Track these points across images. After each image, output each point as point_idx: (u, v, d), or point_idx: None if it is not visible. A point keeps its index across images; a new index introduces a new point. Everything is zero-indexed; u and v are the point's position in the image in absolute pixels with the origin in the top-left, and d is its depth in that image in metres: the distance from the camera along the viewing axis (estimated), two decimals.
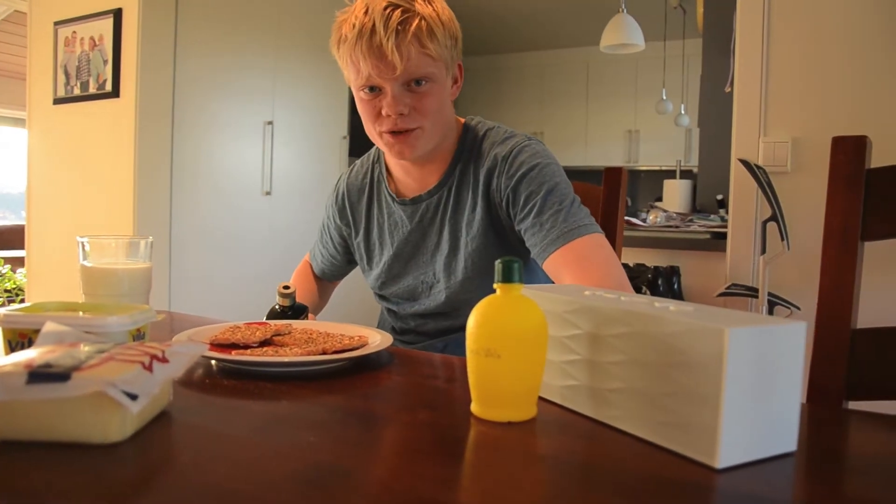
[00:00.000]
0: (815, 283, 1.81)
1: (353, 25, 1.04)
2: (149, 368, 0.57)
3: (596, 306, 0.65)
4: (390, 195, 1.25)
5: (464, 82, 1.19)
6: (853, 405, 0.92)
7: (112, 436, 0.54)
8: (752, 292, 1.78)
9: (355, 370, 0.82)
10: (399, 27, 1.02)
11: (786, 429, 0.57)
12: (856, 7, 1.79)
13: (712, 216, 2.77)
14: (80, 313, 0.79)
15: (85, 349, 0.59)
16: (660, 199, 3.77)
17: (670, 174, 4.43)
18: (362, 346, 0.89)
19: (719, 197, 3.19)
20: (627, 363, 0.61)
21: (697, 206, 3.43)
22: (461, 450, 0.59)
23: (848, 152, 0.91)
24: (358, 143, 4.26)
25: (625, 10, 3.01)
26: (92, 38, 2.94)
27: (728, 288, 1.82)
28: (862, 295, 0.92)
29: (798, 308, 1.77)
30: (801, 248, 1.79)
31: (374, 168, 1.30)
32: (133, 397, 0.53)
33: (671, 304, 0.63)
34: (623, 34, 2.99)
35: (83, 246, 0.91)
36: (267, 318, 1.13)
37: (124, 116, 2.83)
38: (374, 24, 1.02)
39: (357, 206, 1.30)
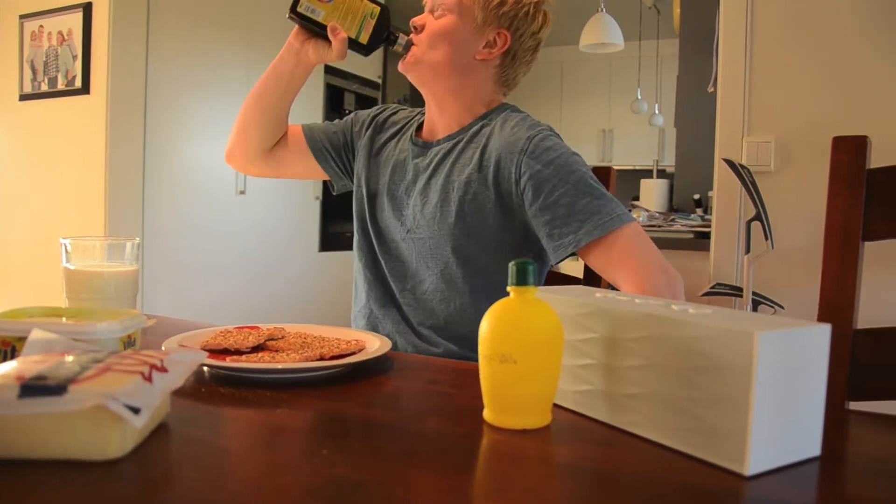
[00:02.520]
0: (798, 282, 1.83)
1: None
2: (148, 379, 0.54)
3: (611, 309, 0.63)
4: (412, 135, 1.27)
5: None
6: (854, 405, 0.92)
7: (112, 452, 0.51)
8: (737, 292, 1.78)
9: (355, 376, 0.79)
10: None
11: (810, 433, 0.56)
12: (839, 7, 1.81)
13: (692, 215, 2.79)
14: (64, 319, 0.75)
15: (79, 358, 0.55)
16: (636, 198, 3.80)
17: (644, 174, 4.46)
18: (359, 350, 0.86)
19: (696, 196, 3.22)
20: (647, 367, 0.60)
21: (674, 206, 3.46)
22: (481, 460, 0.56)
23: (849, 152, 0.90)
24: None
25: (604, 10, 3.01)
26: (60, 33, 2.85)
27: (713, 287, 1.82)
28: (862, 295, 0.92)
29: (782, 307, 1.79)
30: (783, 248, 1.80)
31: (416, 116, 1.32)
32: (135, 411, 0.49)
33: (690, 307, 0.62)
34: (602, 34, 2.99)
35: (65, 247, 0.86)
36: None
37: (95, 113, 2.75)
38: None
39: (384, 130, 1.32)
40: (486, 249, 1.14)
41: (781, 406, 0.53)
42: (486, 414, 0.63)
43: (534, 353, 0.60)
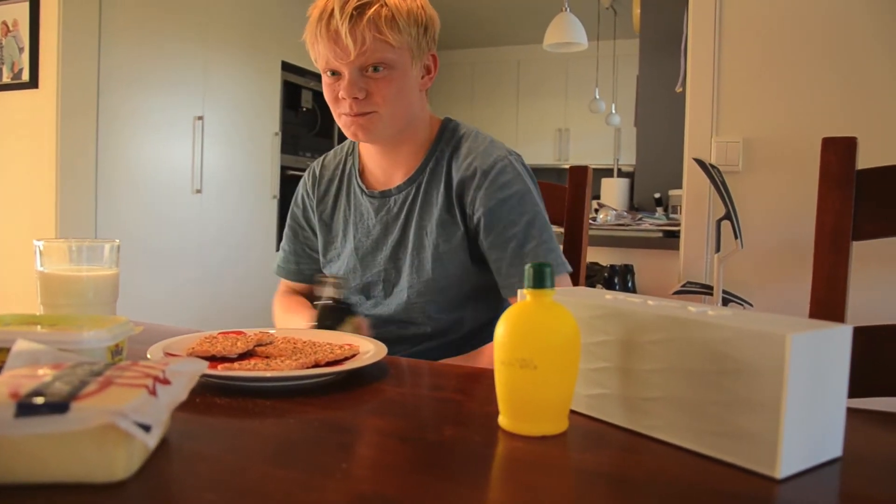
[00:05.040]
0: (767, 280, 1.87)
1: (318, 9, 1.07)
2: (153, 392, 0.50)
3: (627, 311, 0.62)
4: (360, 187, 1.23)
5: None
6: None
7: (118, 473, 0.47)
8: (707, 290, 1.81)
9: (352, 382, 0.76)
10: (355, 12, 1.03)
11: (833, 434, 0.56)
12: (807, 8, 1.85)
13: (656, 214, 2.83)
14: (38, 327, 0.70)
15: (75, 371, 0.51)
16: (597, 197, 3.84)
17: (601, 173, 4.50)
18: (353, 355, 0.83)
19: (657, 195, 3.27)
20: (668, 370, 0.59)
21: (635, 205, 3.50)
22: (508, 470, 0.54)
23: (839, 152, 0.91)
24: (289, 139, 4.14)
25: (568, 9, 3.03)
26: (4, 23, 2.71)
27: (684, 286, 1.84)
28: (851, 293, 0.93)
29: (751, 305, 1.82)
30: (751, 246, 1.83)
31: (346, 160, 1.28)
32: (146, 428, 0.46)
33: (708, 309, 0.61)
34: (567, 33, 3.00)
35: (38, 249, 0.81)
36: (318, 321, 1.03)
37: (44, 109, 2.63)
38: (333, 9, 1.04)
39: (325, 195, 1.28)
40: (468, 283, 1.15)
41: (809, 407, 0.53)
42: (502, 420, 0.61)
43: (554, 357, 0.59)
